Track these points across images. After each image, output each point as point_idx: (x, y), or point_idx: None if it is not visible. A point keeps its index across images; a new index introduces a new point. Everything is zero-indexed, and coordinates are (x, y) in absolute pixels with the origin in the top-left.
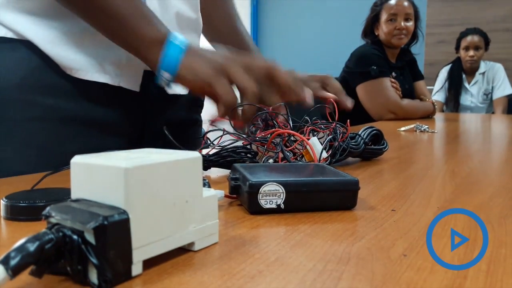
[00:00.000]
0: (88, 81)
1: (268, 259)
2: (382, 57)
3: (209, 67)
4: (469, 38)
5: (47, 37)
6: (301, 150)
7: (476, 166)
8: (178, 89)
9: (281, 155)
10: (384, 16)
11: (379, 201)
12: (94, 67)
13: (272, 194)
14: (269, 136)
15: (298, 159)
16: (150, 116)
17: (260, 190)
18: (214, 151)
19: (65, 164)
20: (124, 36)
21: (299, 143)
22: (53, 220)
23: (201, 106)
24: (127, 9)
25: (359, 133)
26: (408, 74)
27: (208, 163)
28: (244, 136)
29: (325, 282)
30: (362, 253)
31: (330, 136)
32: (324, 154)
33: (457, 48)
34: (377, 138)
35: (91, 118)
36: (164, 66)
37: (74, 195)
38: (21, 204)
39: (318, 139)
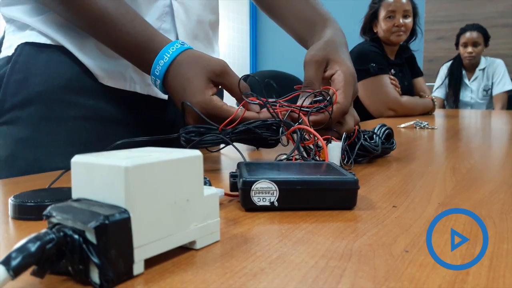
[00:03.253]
0: (120, 90)
1: (270, 256)
2: (381, 54)
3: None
4: (467, 35)
5: (80, 47)
6: (317, 151)
7: (476, 162)
8: None
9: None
10: (382, 13)
11: (380, 198)
12: (123, 77)
13: (265, 191)
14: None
15: (312, 157)
16: (179, 119)
17: (253, 187)
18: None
19: None
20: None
21: (317, 142)
22: (54, 220)
23: None
24: (122, 43)
25: (376, 132)
26: (407, 71)
27: (230, 137)
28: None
29: (327, 279)
30: (364, 249)
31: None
32: (338, 162)
33: (457, 44)
34: (388, 136)
35: (126, 120)
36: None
37: (75, 194)
38: (28, 204)
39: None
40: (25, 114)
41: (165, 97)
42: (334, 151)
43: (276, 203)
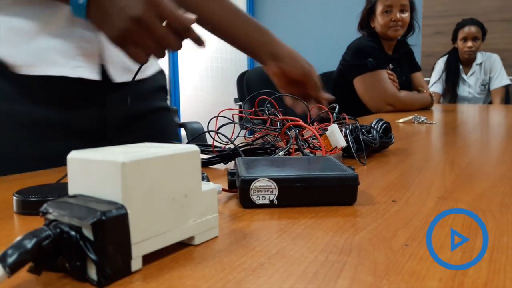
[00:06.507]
0: (42, 79)
1: (269, 251)
2: (378, 49)
3: (122, 19)
4: (466, 29)
5: None
6: (317, 142)
7: (475, 156)
8: (124, 76)
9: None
10: (379, 8)
11: (379, 192)
12: (45, 61)
13: (264, 189)
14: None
15: (311, 146)
16: (110, 109)
17: (252, 185)
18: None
19: (22, 169)
20: None
21: (320, 130)
22: (50, 216)
23: (165, 93)
24: None
25: (373, 126)
26: (405, 66)
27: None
28: (257, 126)
29: (327, 273)
30: (364, 243)
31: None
32: (343, 142)
33: (454, 39)
34: (385, 131)
35: (46, 120)
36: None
37: (71, 190)
38: (32, 199)
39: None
40: None
41: (97, 77)
42: (334, 134)
43: (275, 201)
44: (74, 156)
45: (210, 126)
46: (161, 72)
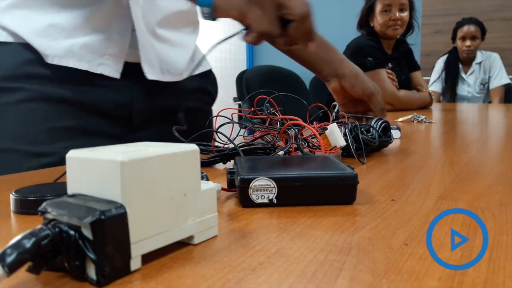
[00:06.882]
0: (70, 68)
1: (269, 250)
2: (378, 48)
3: None
4: (465, 28)
5: (31, 29)
6: (317, 141)
7: (474, 155)
8: (158, 76)
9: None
10: (378, 7)
11: (378, 191)
12: (74, 55)
13: (263, 189)
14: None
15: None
16: (136, 100)
17: (251, 185)
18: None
19: (56, 140)
20: None
21: (318, 130)
22: (49, 216)
23: (206, 94)
24: None
25: (372, 125)
26: (405, 65)
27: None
28: (257, 126)
29: (326, 273)
30: (363, 243)
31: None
32: (343, 142)
33: (454, 38)
34: (385, 130)
35: (76, 99)
36: (200, 2)
37: (70, 190)
38: (30, 198)
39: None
40: None
41: (117, 76)
42: (333, 134)
43: (275, 200)
44: (73, 155)
45: None
46: (204, 75)
